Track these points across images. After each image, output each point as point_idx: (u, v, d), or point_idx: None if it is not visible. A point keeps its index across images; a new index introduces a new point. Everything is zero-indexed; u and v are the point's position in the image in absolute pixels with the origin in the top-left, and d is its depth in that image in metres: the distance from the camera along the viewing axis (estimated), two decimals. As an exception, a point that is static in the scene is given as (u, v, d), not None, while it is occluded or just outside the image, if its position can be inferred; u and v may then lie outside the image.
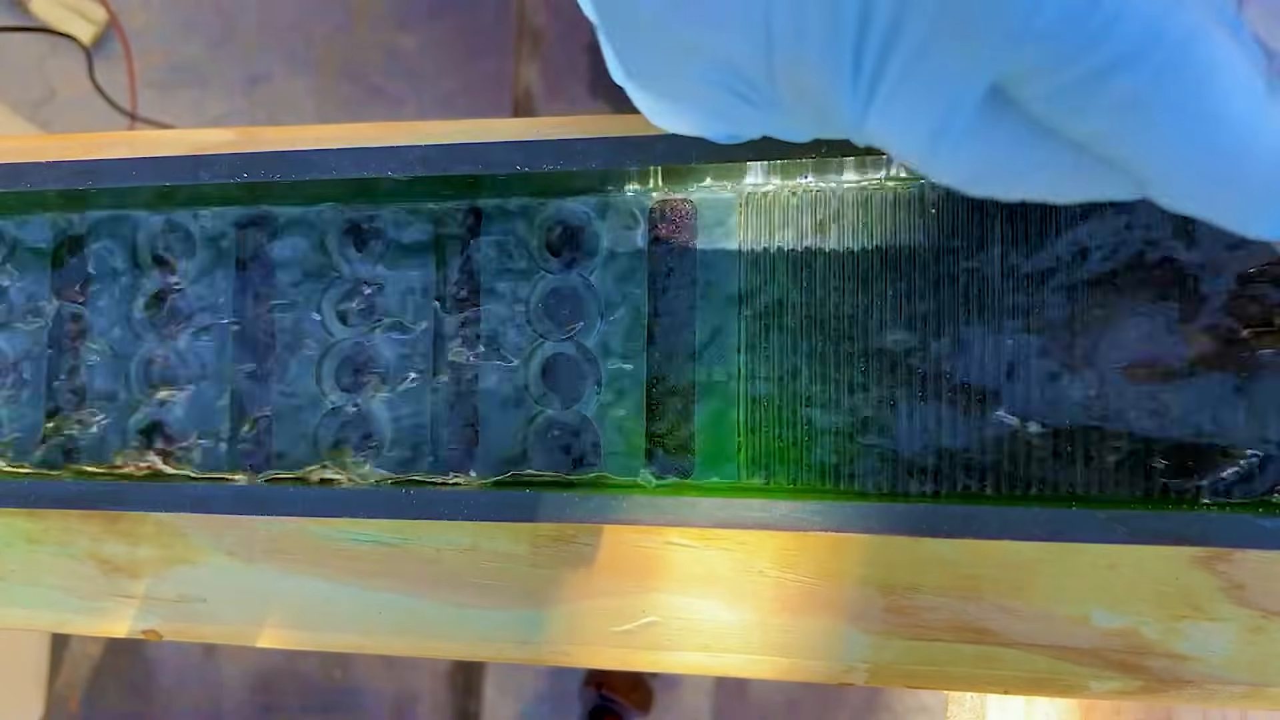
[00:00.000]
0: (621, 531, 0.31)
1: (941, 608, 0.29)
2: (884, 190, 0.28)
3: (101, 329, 0.32)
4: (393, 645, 0.32)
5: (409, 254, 0.31)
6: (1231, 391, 0.26)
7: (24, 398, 0.33)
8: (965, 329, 0.27)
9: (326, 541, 0.32)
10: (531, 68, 1.09)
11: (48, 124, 1.11)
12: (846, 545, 0.29)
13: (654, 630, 0.30)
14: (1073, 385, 0.27)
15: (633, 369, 0.29)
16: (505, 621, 0.31)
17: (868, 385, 0.28)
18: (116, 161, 0.30)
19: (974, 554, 0.29)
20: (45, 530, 0.34)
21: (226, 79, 1.12)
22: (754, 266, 0.29)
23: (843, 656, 0.29)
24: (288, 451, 0.31)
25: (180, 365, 0.32)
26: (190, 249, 0.32)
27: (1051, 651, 0.28)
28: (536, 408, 0.30)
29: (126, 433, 0.32)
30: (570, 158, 0.28)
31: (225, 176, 0.30)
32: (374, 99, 1.10)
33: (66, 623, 0.34)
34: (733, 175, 0.28)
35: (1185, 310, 0.26)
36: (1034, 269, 0.27)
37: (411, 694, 1.03)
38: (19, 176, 0.31)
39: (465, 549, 0.31)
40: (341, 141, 0.33)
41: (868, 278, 0.28)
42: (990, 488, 0.27)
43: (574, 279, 0.30)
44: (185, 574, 0.33)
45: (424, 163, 0.29)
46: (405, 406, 0.30)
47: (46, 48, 1.12)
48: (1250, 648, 0.27)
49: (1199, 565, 0.28)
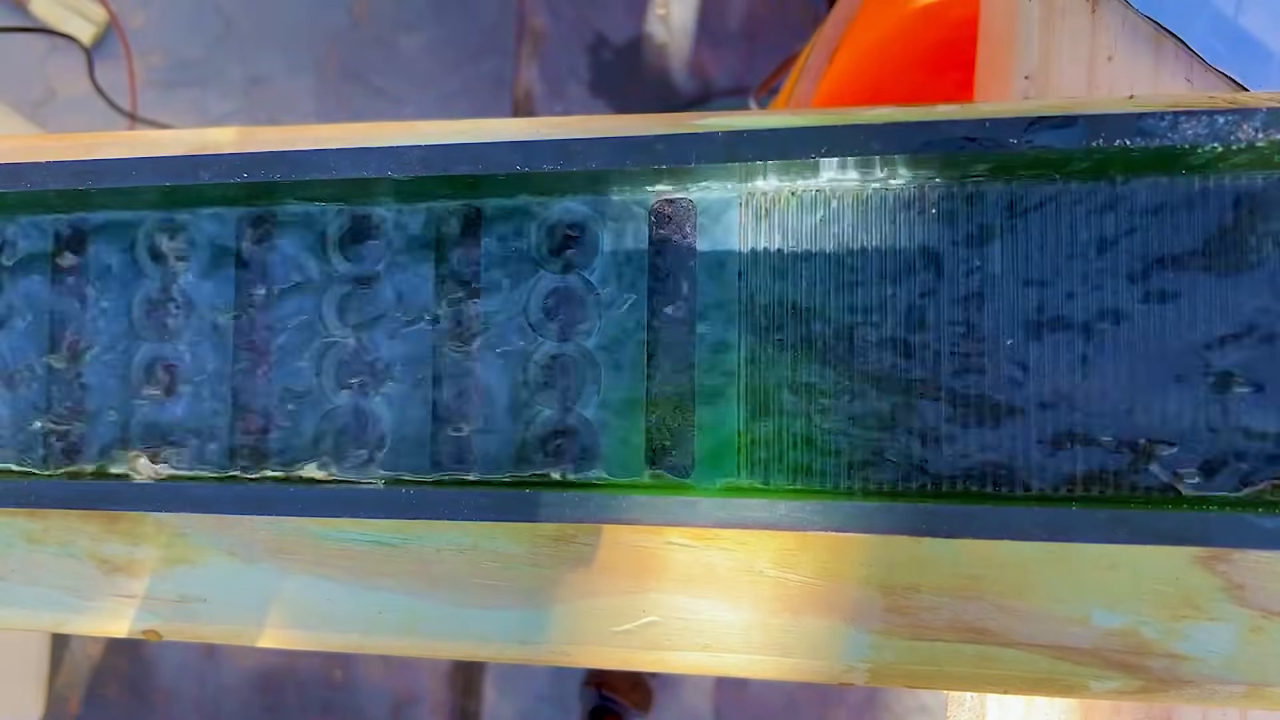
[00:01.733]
0: (621, 531, 0.31)
1: (941, 608, 0.29)
2: (884, 190, 0.28)
3: (102, 329, 0.32)
4: (393, 645, 0.32)
5: (409, 254, 0.31)
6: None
7: (24, 398, 0.33)
8: (965, 328, 0.27)
9: (326, 541, 0.32)
10: (531, 68, 1.09)
11: (48, 124, 1.11)
12: (846, 545, 0.29)
13: (654, 630, 0.30)
14: (1074, 384, 0.27)
15: (632, 369, 0.29)
16: (505, 621, 0.31)
17: (867, 385, 0.28)
18: (116, 161, 0.30)
19: (974, 554, 0.29)
20: (45, 530, 0.34)
21: (226, 79, 1.12)
22: (754, 266, 0.29)
23: (843, 656, 0.29)
24: (287, 451, 0.31)
25: (180, 365, 0.32)
26: (190, 249, 0.32)
27: (1051, 651, 0.28)
28: (536, 408, 0.30)
29: (127, 433, 0.32)
30: (570, 158, 0.28)
31: (225, 176, 0.30)
32: (374, 99, 1.10)
33: (66, 623, 0.34)
34: (733, 175, 0.28)
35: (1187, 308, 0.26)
36: (1034, 268, 0.27)
37: (411, 694, 1.03)
38: (19, 176, 0.31)
39: (465, 549, 0.31)
40: (341, 141, 0.33)
41: (867, 278, 0.28)
42: (990, 487, 0.27)
43: (574, 279, 0.30)
44: (185, 574, 0.33)
45: (424, 163, 0.29)
46: (405, 406, 0.30)
47: (46, 48, 1.12)
48: (1250, 648, 0.27)
49: (1199, 565, 0.28)
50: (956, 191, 0.28)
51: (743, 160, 0.27)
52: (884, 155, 0.27)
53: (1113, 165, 0.26)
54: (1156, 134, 0.25)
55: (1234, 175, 0.26)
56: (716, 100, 1.08)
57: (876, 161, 0.27)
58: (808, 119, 0.30)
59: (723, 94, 1.08)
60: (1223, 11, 0.33)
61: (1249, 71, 0.33)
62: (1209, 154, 0.25)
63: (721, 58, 1.09)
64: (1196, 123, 0.25)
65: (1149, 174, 0.27)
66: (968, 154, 0.26)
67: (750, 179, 0.29)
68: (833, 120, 0.30)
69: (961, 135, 0.26)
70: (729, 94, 1.08)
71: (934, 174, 0.27)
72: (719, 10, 1.09)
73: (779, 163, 0.27)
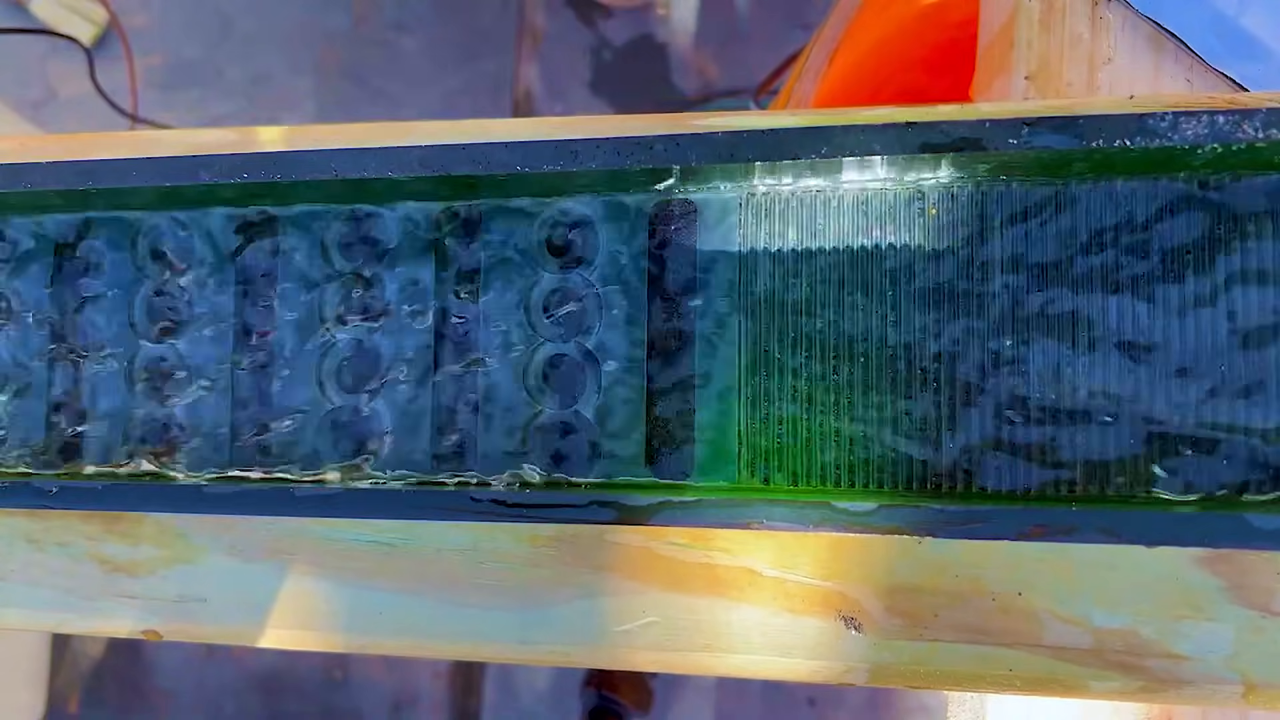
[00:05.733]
0: (621, 531, 0.31)
1: (941, 608, 0.29)
2: (884, 190, 0.28)
3: (102, 329, 0.32)
4: (393, 645, 0.32)
5: (409, 254, 0.31)
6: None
7: (24, 398, 0.33)
8: (965, 328, 0.27)
9: (326, 541, 0.32)
10: (531, 68, 1.09)
11: (48, 124, 1.12)
12: (846, 545, 0.29)
13: (654, 630, 0.30)
14: (1075, 383, 0.27)
15: (632, 369, 0.29)
16: (505, 621, 0.31)
17: (867, 385, 0.28)
18: (116, 161, 0.30)
19: (974, 554, 0.29)
20: (45, 530, 0.34)
21: (226, 79, 1.12)
22: (754, 266, 0.29)
23: (843, 656, 0.29)
24: (288, 451, 0.31)
25: (180, 365, 0.32)
26: (190, 249, 0.32)
27: (1051, 651, 0.28)
28: (536, 408, 0.30)
29: (127, 433, 0.32)
30: (570, 158, 0.28)
31: (225, 176, 0.30)
32: (374, 99, 1.10)
33: (66, 623, 0.34)
34: (733, 175, 0.28)
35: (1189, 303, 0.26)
36: (1034, 268, 0.27)
37: (411, 694, 1.03)
38: (19, 176, 0.31)
39: (465, 549, 0.31)
40: (341, 141, 0.33)
41: (867, 278, 0.28)
42: (990, 487, 0.27)
43: (574, 279, 0.30)
44: (185, 574, 0.33)
45: (424, 163, 0.29)
46: (405, 406, 0.30)
47: (46, 48, 1.12)
48: (1250, 648, 0.27)
49: (1199, 565, 0.28)
50: (957, 191, 0.28)
51: (743, 160, 0.27)
52: (884, 155, 0.27)
53: (1113, 165, 0.26)
54: (1157, 134, 0.25)
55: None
56: (716, 100, 1.08)
57: (876, 161, 0.27)
58: (808, 119, 0.30)
59: (723, 94, 1.08)
60: (1223, 11, 0.33)
61: (1249, 71, 0.33)
62: (1209, 154, 0.25)
63: (721, 58, 1.09)
64: (1196, 123, 0.25)
65: (1148, 174, 0.27)
66: (968, 154, 0.26)
67: (750, 179, 0.29)
68: (833, 120, 0.30)
69: (961, 135, 0.26)
70: (729, 94, 1.08)
71: (934, 174, 0.27)
72: (719, 10, 1.09)
73: (779, 163, 0.27)
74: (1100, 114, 0.26)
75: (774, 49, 1.07)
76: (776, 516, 0.26)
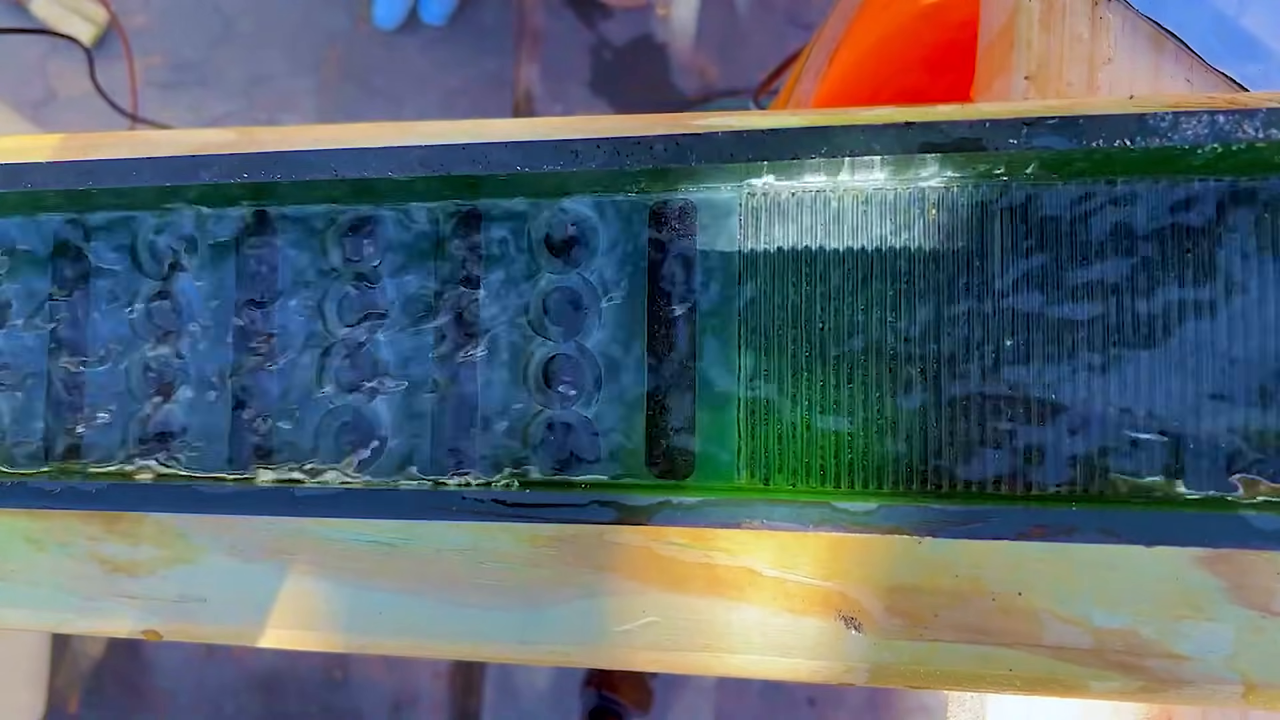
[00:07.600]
0: (621, 531, 0.31)
1: (941, 607, 0.29)
2: (884, 190, 0.28)
3: (102, 329, 0.32)
4: (393, 645, 0.32)
5: (409, 254, 0.31)
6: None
7: (24, 398, 0.33)
8: (965, 329, 0.27)
9: (326, 541, 0.32)
10: (531, 68, 1.09)
11: (48, 124, 1.12)
12: (846, 545, 0.29)
13: (654, 630, 0.30)
14: (1076, 383, 0.27)
15: (632, 369, 0.29)
16: (505, 621, 0.31)
17: (867, 386, 0.28)
18: (116, 161, 0.30)
19: (974, 554, 0.29)
20: (45, 530, 0.34)
21: (226, 79, 1.12)
22: (754, 266, 0.29)
23: (843, 656, 0.29)
24: (288, 452, 0.31)
25: (180, 365, 0.32)
26: (190, 249, 0.32)
27: (1051, 651, 0.28)
28: (536, 408, 0.30)
29: (127, 433, 0.32)
30: (570, 158, 0.28)
31: (225, 176, 0.30)
32: (374, 99, 1.10)
33: (66, 623, 0.34)
34: (733, 175, 0.28)
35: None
36: (1034, 268, 0.27)
37: (411, 694, 1.03)
38: (19, 176, 0.31)
39: (465, 549, 0.31)
40: (341, 141, 0.33)
41: (868, 278, 0.28)
42: (990, 487, 0.27)
43: (574, 279, 0.30)
44: (185, 574, 0.33)
45: (424, 163, 0.29)
46: (405, 406, 0.30)
47: (46, 48, 1.12)
48: (1250, 648, 0.27)
49: (1199, 565, 0.28)
50: (957, 191, 0.28)
51: (743, 160, 0.27)
52: (884, 155, 0.27)
53: (1113, 165, 0.26)
54: (1157, 134, 0.25)
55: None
56: (716, 100, 1.08)
57: (876, 162, 0.27)
58: (808, 119, 0.30)
59: (723, 94, 1.08)
60: (1223, 11, 0.33)
61: (1249, 71, 0.33)
62: (1209, 154, 0.25)
63: (721, 58, 1.09)
64: (1196, 123, 0.25)
65: (1147, 174, 0.27)
66: (968, 154, 0.26)
67: (750, 179, 0.29)
68: (833, 120, 0.30)
69: (961, 135, 0.26)
70: (729, 94, 1.08)
71: (935, 174, 0.27)
72: (719, 10, 1.09)
73: (779, 163, 0.27)
74: (1100, 114, 0.26)
75: (774, 49, 1.07)
76: (776, 516, 0.26)
